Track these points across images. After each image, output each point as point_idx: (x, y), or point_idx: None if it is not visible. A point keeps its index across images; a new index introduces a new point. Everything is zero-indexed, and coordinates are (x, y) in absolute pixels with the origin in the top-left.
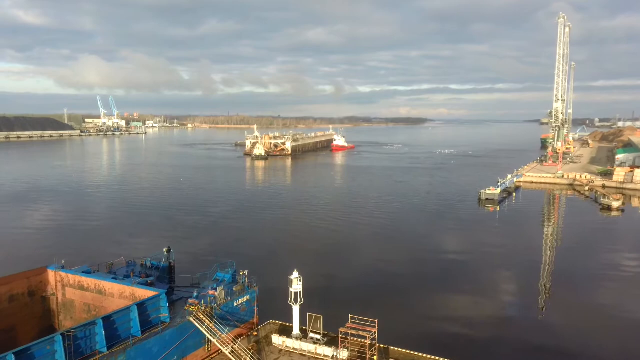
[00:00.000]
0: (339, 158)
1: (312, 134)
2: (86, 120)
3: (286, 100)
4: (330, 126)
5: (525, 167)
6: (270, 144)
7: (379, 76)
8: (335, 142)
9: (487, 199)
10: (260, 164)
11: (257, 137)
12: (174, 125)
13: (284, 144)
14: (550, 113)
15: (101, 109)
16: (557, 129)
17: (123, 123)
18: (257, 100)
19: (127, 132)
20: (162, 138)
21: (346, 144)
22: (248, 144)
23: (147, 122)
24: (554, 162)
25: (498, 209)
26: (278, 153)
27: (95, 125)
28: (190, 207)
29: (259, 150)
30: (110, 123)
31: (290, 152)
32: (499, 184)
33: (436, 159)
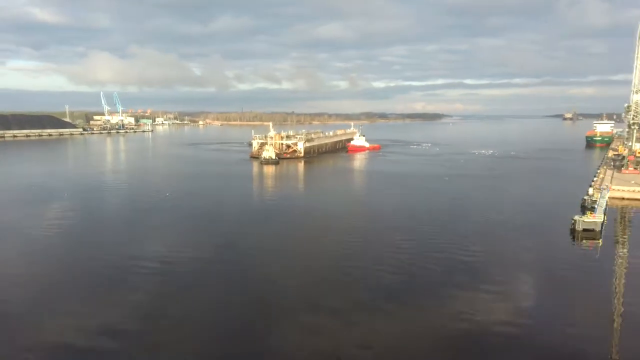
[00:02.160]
0: (361, 161)
1: (331, 133)
2: (94, 117)
3: (300, 96)
4: (352, 122)
5: (600, 175)
6: (282, 144)
7: (393, 71)
8: (352, 142)
9: (584, 230)
10: (269, 169)
11: (265, 136)
12: (185, 122)
13: (295, 144)
14: (629, 107)
15: (104, 105)
16: (637, 127)
17: (132, 120)
18: (271, 96)
19: (132, 130)
20: (170, 136)
21: (367, 144)
22: (255, 144)
23: (157, 119)
24: (635, 168)
25: (600, 243)
26: (289, 155)
27: (104, 122)
28: (162, 248)
29: (269, 153)
30: (115, 120)
31: (302, 154)
32: (595, 205)
33: (479, 162)
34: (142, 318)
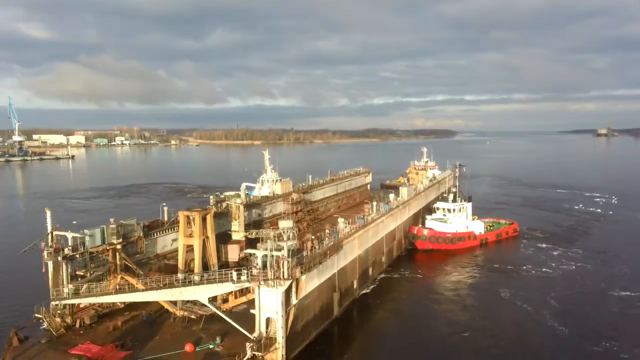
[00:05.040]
0: None
1: (398, 201)
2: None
3: (297, 112)
4: (424, 148)
5: None
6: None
7: (392, 87)
8: (433, 223)
9: None
10: None
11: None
12: (153, 142)
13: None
14: None
15: None
16: None
17: (82, 139)
18: (268, 113)
19: (38, 158)
20: (105, 165)
21: (481, 225)
22: None
23: (116, 139)
24: None
25: None
26: None
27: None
28: None
29: None
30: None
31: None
32: None
33: None
34: None
